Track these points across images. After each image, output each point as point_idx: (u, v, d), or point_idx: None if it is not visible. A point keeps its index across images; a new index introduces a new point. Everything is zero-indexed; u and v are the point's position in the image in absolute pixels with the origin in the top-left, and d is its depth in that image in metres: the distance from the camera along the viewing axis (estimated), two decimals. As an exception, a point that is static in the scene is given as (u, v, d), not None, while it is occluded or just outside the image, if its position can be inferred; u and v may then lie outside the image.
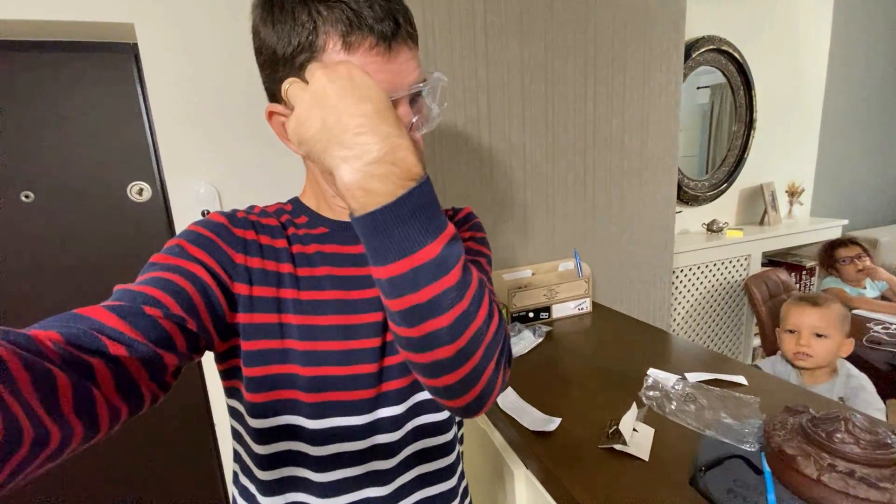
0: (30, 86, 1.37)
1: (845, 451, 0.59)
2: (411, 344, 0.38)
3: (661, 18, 1.51)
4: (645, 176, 1.61)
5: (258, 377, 0.49)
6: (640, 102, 1.54)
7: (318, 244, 0.54)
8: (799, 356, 1.21)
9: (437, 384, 0.40)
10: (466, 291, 0.37)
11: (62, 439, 0.29)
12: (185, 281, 0.44)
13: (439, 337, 0.36)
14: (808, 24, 2.56)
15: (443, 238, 0.36)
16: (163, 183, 1.54)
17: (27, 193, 1.42)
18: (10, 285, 1.43)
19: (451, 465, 0.60)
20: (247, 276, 0.49)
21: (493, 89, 1.30)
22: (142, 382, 0.38)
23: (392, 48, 0.43)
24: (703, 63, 2.30)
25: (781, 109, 2.60)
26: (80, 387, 0.31)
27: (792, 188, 2.70)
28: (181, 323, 0.42)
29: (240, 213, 0.54)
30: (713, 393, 0.86)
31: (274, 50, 0.44)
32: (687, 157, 2.48)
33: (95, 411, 0.32)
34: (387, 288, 0.36)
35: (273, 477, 0.53)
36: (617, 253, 1.62)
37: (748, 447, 0.70)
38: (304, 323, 0.50)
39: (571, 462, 0.73)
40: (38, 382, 0.28)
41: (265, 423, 0.51)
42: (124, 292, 0.41)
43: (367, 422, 0.53)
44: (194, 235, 0.48)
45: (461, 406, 0.42)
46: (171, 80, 1.39)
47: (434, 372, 0.39)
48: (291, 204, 0.59)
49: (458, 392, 0.40)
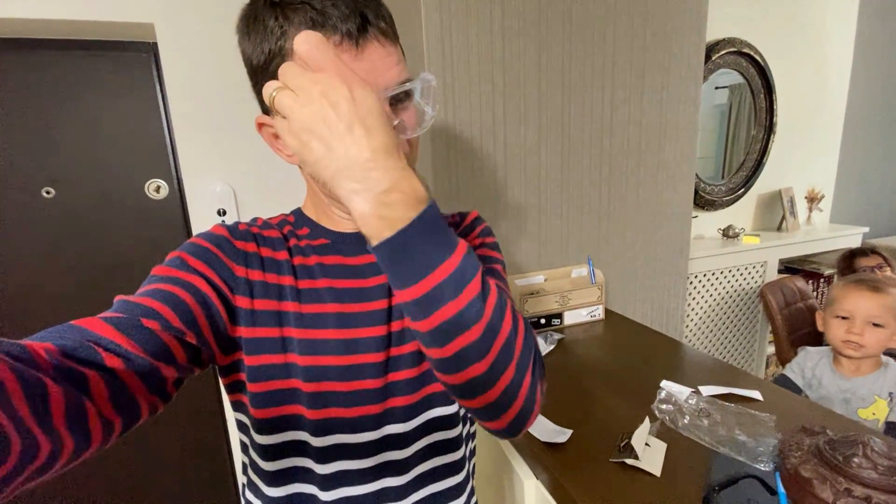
0: (51, 84, 1.40)
1: (862, 476, 0.58)
2: (445, 366, 0.38)
3: (682, 23, 1.48)
4: (661, 182, 1.59)
5: (262, 392, 0.49)
6: (659, 107, 1.52)
7: (318, 256, 0.54)
8: (849, 345, 1.12)
9: (477, 405, 0.40)
10: (488, 301, 0.37)
11: (51, 452, 0.28)
12: (186, 293, 0.44)
13: (470, 353, 0.37)
14: (832, 27, 2.51)
15: (459, 252, 0.36)
16: (180, 181, 1.56)
17: (48, 189, 1.45)
18: (29, 278, 1.46)
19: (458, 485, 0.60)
20: (248, 289, 0.49)
21: (508, 94, 1.30)
22: (139, 395, 0.38)
23: (360, 45, 0.43)
24: (723, 66, 2.26)
25: (803, 114, 2.54)
26: (72, 399, 0.31)
27: (811, 194, 2.65)
28: (180, 335, 0.42)
29: (241, 225, 0.54)
30: (728, 409, 0.85)
31: (251, 61, 0.45)
32: (703, 159, 2.44)
33: (87, 424, 0.32)
34: (414, 310, 0.36)
35: (281, 494, 0.53)
36: (631, 259, 1.60)
37: (762, 466, 0.70)
38: (305, 337, 0.50)
39: (582, 475, 0.73)
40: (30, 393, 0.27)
41: (271, 440, 0.51)
42: (123, 304, 0.41)
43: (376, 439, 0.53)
44: (195, 248, 0.48)
45: (505, 426, 0.42)
46: (189, 79, 1.41)
47: (472, 391, 0.39)
48: (294, 215, 0.59)
49: (500, 410, 0.40)
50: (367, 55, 0.43)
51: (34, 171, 1.43)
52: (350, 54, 0.42)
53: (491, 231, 0.63)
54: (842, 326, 1.14)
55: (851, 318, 1.13)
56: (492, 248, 0.60)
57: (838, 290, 1.18)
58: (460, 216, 0.65)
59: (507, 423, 0.41)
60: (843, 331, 1.13)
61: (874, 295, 1.12)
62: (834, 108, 2.66)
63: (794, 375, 1.25)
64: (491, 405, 0.39)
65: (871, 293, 1.12)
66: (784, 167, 2.56)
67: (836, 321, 1.16)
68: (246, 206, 1.54)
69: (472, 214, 0.65)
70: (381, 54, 0.44)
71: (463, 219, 0.65)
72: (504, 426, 0.42)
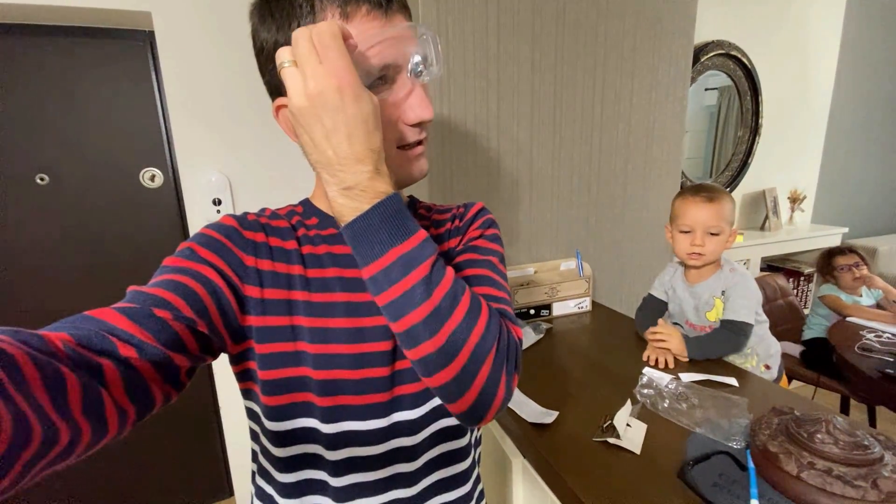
0: (47, 70, 1.40)
1: (824, 450, 0.63)
2: (401, 340, 0.43)
3: (671, 25, 1.53)
4: (649, 179, 1.64)
5: (273, 380, 0.50)
6: (647, 107, 1.56)
7: (327, 245, 0.54)
8: (692, 256, 1.17)
9: (432, 383, 0.43)
10: (435, 289, 0.41)
11: (71, 439, 0.29)
12: (196, 283, 0.44)
13: (417, 332, 0.41)
14: (817, 31, 2.57)
15: (411, 241, 0.41)
16: (175, 170, 1.57)
17: (42, 176, 1.45)
18: (24, 262, 1.47)
19: (466, 471, 0.61)
20: (257, 279, 0.50)
21: (502, 90, 1.33)
22: (152, 384, 0.39)
23: (388, 15, 0.46)
24: (712, 67, 2.31)
25: (787, 116, 2.61)
26: (88, 387, 0.31)
27: (794, 195, 2.72)
28: (191, 325, 0.42)
29: (250, 215, 0.55)
30: (705, 392, 0.90)
31: (276, 40, 0.46)
32: (692, 160, 2.50)
33: (104, 412, 0.33)
34: (371, 287, 0.42)
35: (292, 479, 0.54)
36: (618, 254, 1.65)
37: (734, 444, 0.74)
38: (315, 326, 0.51)
39: (567, 453, 0.77)
40: (49, 382, 0.28)
41: (281, 426, 0.52)
42: (135, 294, 0.42)
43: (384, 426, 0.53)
44: (205, 238, 0.49)
45: (464, 410, 0.44)
46: (185, 68, 1.42)
47: (426, 369, 0.43)
48: (303, 206, 0.59)
49: (456, 393, 0.43)
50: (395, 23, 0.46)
51: (28, 158, 1.42)
52: (380, 21, 0.45)
53: (493, 223, 0.63)
54: (686, 240, 1.17)
55: (693, 230, 1.16)
56: (491, 239, 0.61)
57: (679, 205, 1.20)
58: (465, 207, 0.65)
59: (466, 408, 0.44)
60: (688, 244, 1.17)
61: (709, 205, 1.14)
62: (818, 111, 2.74)
63: (657, 293, 1.30)
64: (446, 386, 0.43)
65: (706, 204, 1.14)
66: (768, 168, 2.63)
67: (680, 236, 1.19)
68: (241, 196, 1.55)
69: (477, 206, 0.65)
70: (405, 26, 0.47)
71: (467, 210, 0.65)
72: (463, 410, 0.44)
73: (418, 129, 0.51)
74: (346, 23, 0.44)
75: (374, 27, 0.45)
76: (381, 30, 0.45)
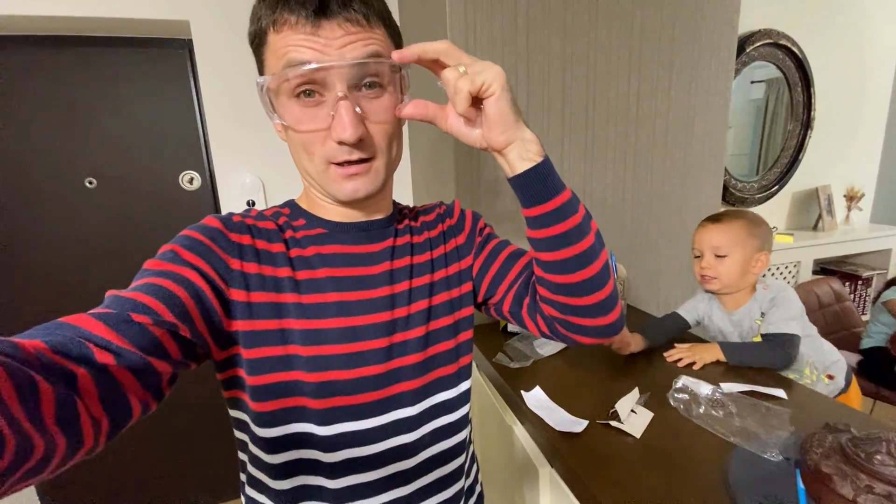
0: (92, 79, 1.47)
1: (885, 473, 0.57)
2: (567, 265, 0.50)
3: (712, 14, 1.45)
4: (688, 177, 1.56)
5: (262, 385, 0.49)
6: (687, 101, 1.49)
7: (316, 246, 0.53)
8: (705, 279, 1.13)
9: (591, 300, 0.51)
10: (592, 221, 0.51)
11: (45, 451, 0.28)
12: (178, 286, 0.43)
13: (589, 255, 0.50)
14: (876, 16, 2.39)
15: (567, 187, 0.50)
16: (212, 173, 1.62)
17: (90, 180, 1.53)
18: (72, 262, 1.55)
19: (462, 466, 0.61)
20: (243, 282, 0.48)
21: (532, 85, 1.30)
22: (130, 392, 0.37)
23: (320, 24, 0.44)
24: (759, 58, 2.19)
25: (843, 108, 2.44)
26: (62, 397, 0.30)
27: (851, 192, 2.55)
28: (173, 329, 0.41)
29: (236, 217, 0.53)
30: (744, 401, 0.84)
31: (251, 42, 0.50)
32: (736, 156, 2.38)
33: (79, 423, 0.31)
34: (546, 220, 0.49)
35: (286, 486, 0.52)
36: (655, 256, 1.58)
37: (771, 457, 0.69)
38: (307, 327, 0.49)
39: (598, 465, 0.73)
40: (22, 392, 0.27)
41: (274, 433, 0.50)
42: (113, 299, 0.40)
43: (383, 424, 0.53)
44: (189, 240, 0.47)
45: (612, 321, 0.54)
46: (222, 75, 1.46)
47: (595, 284, 0.51)
48: (289, 207, 0.58)
49: (610, 306, 0.52)
50: (325, 32, 0.45)
51: (78, 162, 1.50)
52: (306, 32, 0.44)
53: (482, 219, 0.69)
54: (697, 264, 1.15)
55: (701, 254, 1.13)
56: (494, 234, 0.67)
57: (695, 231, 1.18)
58: (446, 206, 0.66)
59: (615, 319, 0.54)
60: (698, 268, 1.14)
61: (714, 226, 1.11)
62: (877, 102, 2.55)
63: (685, 313, 1.23)
64: (604, 301, 0.52)
65: (711, 224, 1.12)
66: (821, 164, 2.46)
67: (694, 261, 1.17)
68: (274, 197, 1.58)
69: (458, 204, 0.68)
70: (340, 33, 0.45)
71: (451, 208, 0.66)
72: (612, 321, 0.53)
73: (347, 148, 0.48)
74: (276, 34, 0.46)
75: (301, 38, 0.46)
76: (309, 38, 0.46)
